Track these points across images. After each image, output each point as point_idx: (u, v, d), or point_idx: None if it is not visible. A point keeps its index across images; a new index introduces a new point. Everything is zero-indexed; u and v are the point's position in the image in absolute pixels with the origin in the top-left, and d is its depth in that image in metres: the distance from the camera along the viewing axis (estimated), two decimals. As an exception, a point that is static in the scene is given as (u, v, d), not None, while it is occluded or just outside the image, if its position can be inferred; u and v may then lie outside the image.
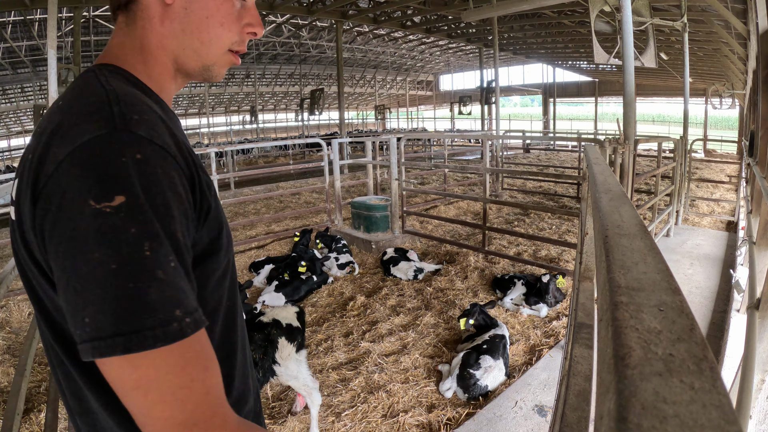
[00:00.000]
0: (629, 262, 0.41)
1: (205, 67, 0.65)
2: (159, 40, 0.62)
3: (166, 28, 0.61)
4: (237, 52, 0.67)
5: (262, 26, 0.67)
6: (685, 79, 8.04)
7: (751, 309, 2.11)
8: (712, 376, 0.24)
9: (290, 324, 2.39)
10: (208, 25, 0.62)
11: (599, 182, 0.91)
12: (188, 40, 0.62)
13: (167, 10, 0.61)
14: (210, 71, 0.66)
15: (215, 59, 0.65)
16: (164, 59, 0.63)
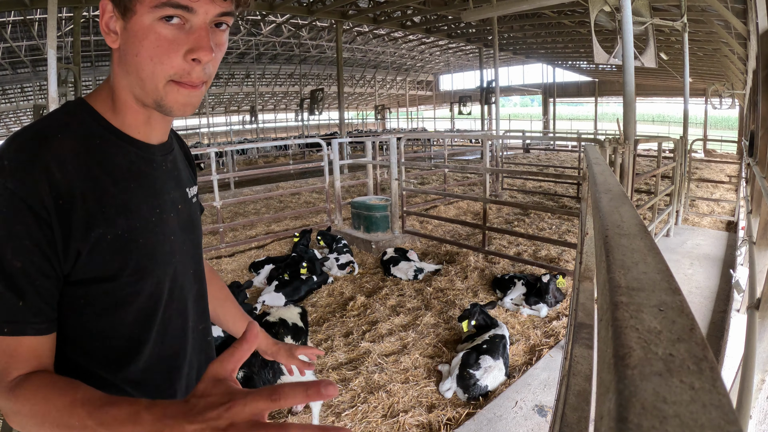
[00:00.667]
0: (629, 262, 0.41)
1: (156, 102, 0.66)
2: (118, 80, 0.68)
3: (119, 69, 0.67)
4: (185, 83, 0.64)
5: (208, 50, 0.63)
6: (685, 79, 8.05)
7: (751, 309, 2.11)
8: (712, 376, 0.24)
9: (296, 324, 2.41)
10: (138, 62, 0.63)
11: (599, 182, 0.91)
12: (132, 78, 0.66)
13: (117, 54, 0.67)
14: (162, 106, 0.67)
15: (160, 93, 0.65)
16: (124, 97, 0.69)
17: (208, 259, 5.50)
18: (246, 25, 17.46)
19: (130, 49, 0.63)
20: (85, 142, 0.66)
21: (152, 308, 0.72)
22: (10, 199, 0.59)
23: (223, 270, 5.17)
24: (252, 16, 16.52)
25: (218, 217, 5.52)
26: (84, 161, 0.64)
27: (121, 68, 0.66)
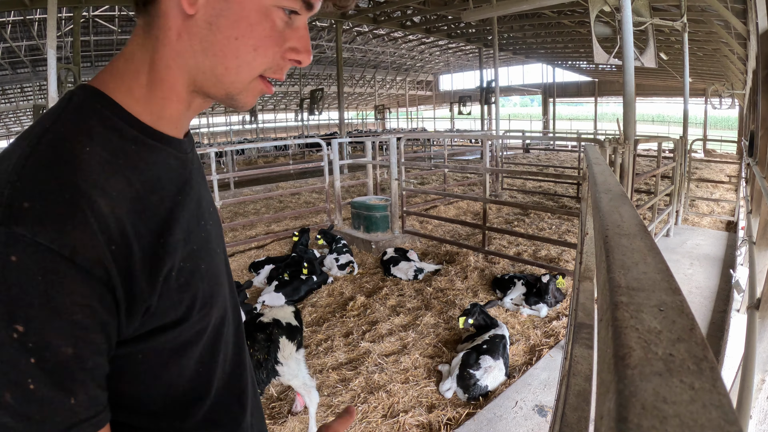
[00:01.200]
0: (629, 262, 0.41)
1: (228, 95, 0.53)
2: (172, 57, 0.51)
3: (184, 44, 0.50)
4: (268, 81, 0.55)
5: (310, 52, 0.54)
6: (685, 79, 8.05)
7: (751, 309, 2.11)
8: (712, 376, 0.24)
9: (290, 323, 2.40)
10: (236, 47, 0.50)
11: (599, 182, 0.91)
12: (209, 63, 0.51)
13: (187, 22, 0.49)
14: (234, 100, 0.54)
15: (242, 87, 0.53)
16: (173, 81, 0.52)
17: (208, 259, 5.50)
18: (246, 25, 17.43)
19: (228, 28, 0.49)
20: (121, 154, 0.48)
21: (216, 337, 0.59)
22: (47, 259, 0.39)
23: (223, 270, 5.16)
24: (252, 16, 16.50)
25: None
26: (126, 181, 0.47)
27: (191, 44, 0.50)
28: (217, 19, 0.49)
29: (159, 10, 0.49)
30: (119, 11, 14.69)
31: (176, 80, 0.52)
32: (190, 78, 0.52)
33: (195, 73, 0.52)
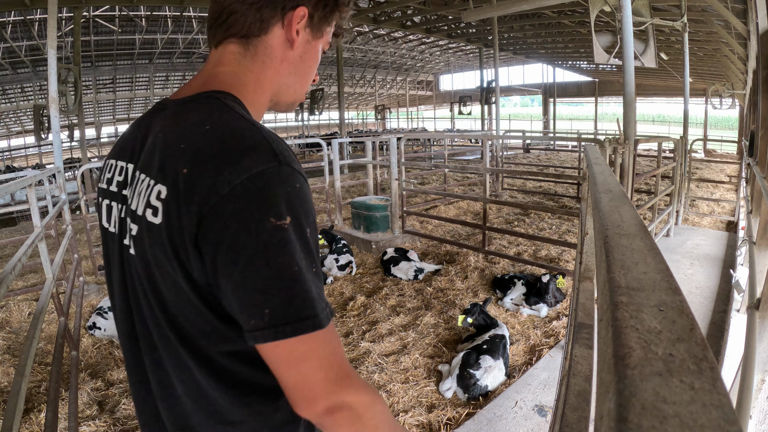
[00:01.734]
0: (629, 262, 0.41)
1: (294, 102, 0.77)
2: (273, 76, 0.72)
3: (283, 68, 0.73)
4: None
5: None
6: (685, 79, 8.05)
7: (751, 309, 2.11)
8: (712, 376, 0.24)
9: None
10: (310, 71, 0.76)
11: (599, 182, 0.91)
12: (293, 80, 0.74)
13: (288, 53, 0.72)
14: (295, 105, 0.78)
15: (302, 97, 0.78)
16: (269, 93, 0.74)
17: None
18: (246, 25, 17.44)
19: (308, 60, 0.74)
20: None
21: None
22: (303, 181, 0.61)
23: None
24: (252, 16, 16.50)
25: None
26: None
27: (287, 68, 0.73)
28: (305, 54, 0.73)
29: (268, 43, 0.70)
30: (119, 11, 14.68)
31: (270, 93, 0.74)
32: (276, 91, 0.74)
33: (281, 87, 0.74)
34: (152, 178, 0.61)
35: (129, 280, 0.67)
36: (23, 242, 2.49)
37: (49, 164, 17.22)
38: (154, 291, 0.63)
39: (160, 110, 0.70)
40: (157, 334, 0.65)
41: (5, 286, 1.47)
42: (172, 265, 0.59)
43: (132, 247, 0.64)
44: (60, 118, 4.93)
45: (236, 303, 0.57)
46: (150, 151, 0.64)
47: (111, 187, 0.71)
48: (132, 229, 0.64)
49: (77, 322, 3.42)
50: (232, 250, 0.55)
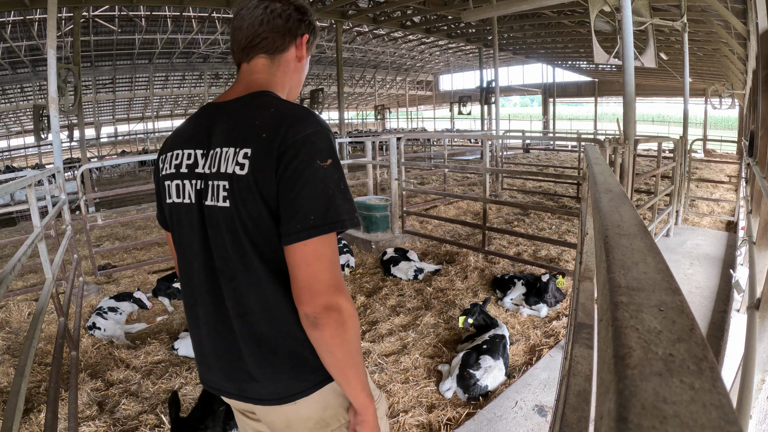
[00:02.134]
0: (629, 262, 0.41)
1: (295, 97, 1.10)
2: (288, 80, 1.05)
3: (295, 75, 1.07)
4: None
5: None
6: (685, 79, 8.05)
7: (751, 309, 2.11)
8: (712, 376, 0.24)
9: None
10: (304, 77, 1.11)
11: (599, 182, 0.91)
12: (297, 83, 1.08)
13: (297, 65, 1.06)
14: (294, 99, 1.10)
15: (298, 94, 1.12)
16: (286, 91, 1.05)
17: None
18: (246, 25, 17.43)
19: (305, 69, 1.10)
20: None
21: None
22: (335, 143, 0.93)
23: (223, 270, 5.16)
24: (252, 16, 16.49)
25: (218, 217, 5.51)
26: None
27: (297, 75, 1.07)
28: (305, 64, 1.08)
29: (286, 58, 1.03)
30: (119, 11, 14.68)
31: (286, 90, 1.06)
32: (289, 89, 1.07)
33: (292, 87, 1.07)
34: (237, 147, 0.89)
35: (211, 232, 0.94)
36: (23, 242, 2.49)
37: (48, 164, 17.23)
38: (243, 226, 0.89)
39: (217, 108, 0.98)
40: (239, 265, 0.92)
41: (5, 286, 1.47)
42: (255, 198, 0.87)
43: (220, 201, 0.91)
44: (60, 118, 4.93)
45: (290, 213, 0.85)
46: (227, 132, 0.92)
47: (181, 170, 0.97)
48: (219, 186, 0.91)
49: (77, 323, 3.42)
50: (292, 178, 0.85)
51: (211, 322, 0.99)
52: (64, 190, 4.25)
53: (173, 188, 0.99)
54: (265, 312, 0.92)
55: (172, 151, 0.99)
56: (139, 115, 29.30)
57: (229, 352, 0.97)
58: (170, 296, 4.29)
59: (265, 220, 0.88)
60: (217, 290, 0.96)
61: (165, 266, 5.28)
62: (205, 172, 0.93)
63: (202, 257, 0.97)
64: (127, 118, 28.92)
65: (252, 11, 0.99)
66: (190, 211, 0.97)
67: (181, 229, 1.00)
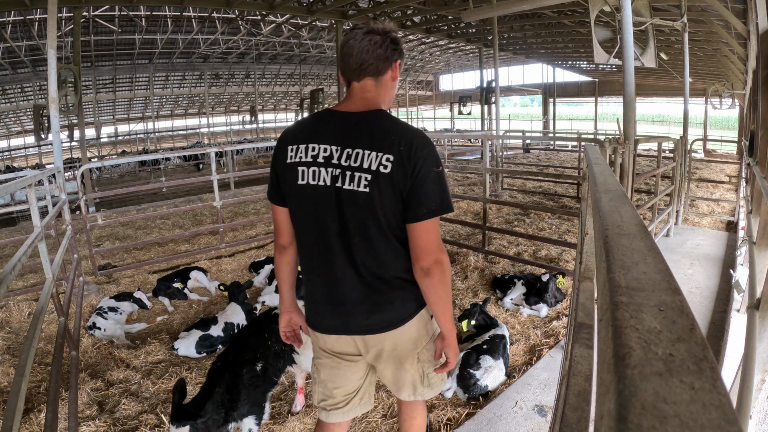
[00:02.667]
0: (629, 262, 0.41)
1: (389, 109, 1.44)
2: (387, 96, 1.38)
3: (391, 91, 1.39)
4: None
5: None
6: (685, 79, 8.05)
7: (751, 309, 2.11)
8: (712, 376, 0.24)
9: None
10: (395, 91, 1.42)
11: (599, 182, 0.91)
12: (391, 98, 1.41)
13: (392, 84, 1.37)
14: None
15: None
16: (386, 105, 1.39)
17: (208, 259, 5.50)
18: (246, 25, 17.45)
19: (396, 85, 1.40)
20: None
21: None
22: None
23: (223, 270, 5.16)
24: (252, 16, 16.52)
25: (218, 217, 5.52)
26: None
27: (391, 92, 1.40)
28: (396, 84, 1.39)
29: (385, 79, 1.34)
30: (119, 11, 14.68)
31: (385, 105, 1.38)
32: (386, 104, 1.38)
33: (388, 102, 1.39)
34: (380, 152, 1.24)
35: (347, 208, 1.28)
36: (23, 242, 2.49)
37: (48, 164, 17.22)
38: (380, 206, 1.26)
39: (343, 116, 1.31)
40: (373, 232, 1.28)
41: (5, 286, 1.47)
42: (394, 191, 1.24)
43: (360, 188, 1.25)
44: (60, 118, 4.93)
45: (418, 202, 1.24)
46: (367, 138, 1.26)
47: (318, 160, 1.29)
48: (360, 177, 1.25)
49: (77, 322, 3.42)
50: (420, 179, 1.24)
51: (349, 279, 1.33)
52: (64, 190, 4.25)
53: (309, 173, 1.29)
54: (386, 263, 1.32)
55: (306, 144, 1.30)
56: (139, 115, 29.30)
57: (361, 299, 1.34)
58: (170, 296, 4.29)
59: (396, 205, 1.26)
60: (348, 250, 1.31)
61: (165, 266, 5.28)
62: (342, 164, 1.27)
63: (336, 226, 1.30)
64: (127, 118, 28.92)
65: (359, 42, 1.28)
66: (326, 192, 1.29)
67: (312, 205, 1.31)
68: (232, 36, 18.75)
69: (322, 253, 1.34)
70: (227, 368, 2.07)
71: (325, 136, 1.29)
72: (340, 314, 1.37)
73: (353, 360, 1.48)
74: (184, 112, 31.62)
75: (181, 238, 6.27)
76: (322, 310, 1.41)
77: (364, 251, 1.30)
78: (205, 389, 1.99)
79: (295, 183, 1.31)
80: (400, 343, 1.40)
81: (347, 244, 1.30)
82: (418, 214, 1.24)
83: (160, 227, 7.36)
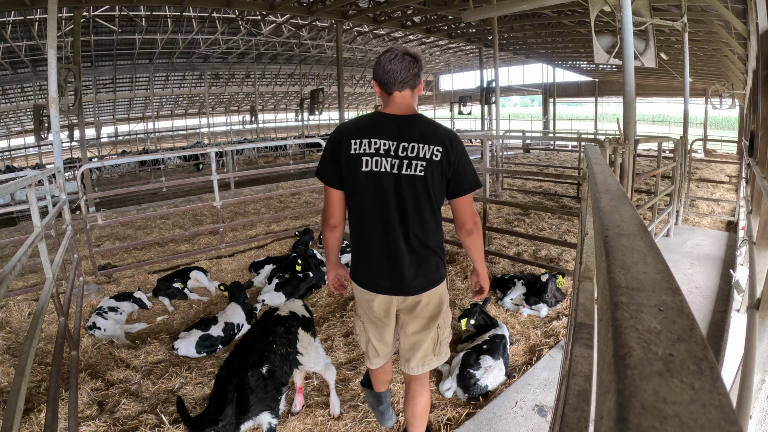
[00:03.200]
0: (629, 262, 0.41)
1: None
2: (416, 102, 1.75)
3: (416, 99, 1.76)
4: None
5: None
6: (685, 79, 8.05)
7: (751, 309, 2.11)
8: (712, 376, 0.24)
9: (304, 315, 2.49)
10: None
11: (599, 182, 0.91)
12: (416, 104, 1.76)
13: (418, 92, 1.75)
14: None
15: None
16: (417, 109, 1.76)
17: (208, 259, 5.50)
18: (246, 25, 17.45)
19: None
20: None
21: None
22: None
23: (223, 270, 5.16)
24: (252, 16, 16.52)
25: (218, 217, 5.52)
26: None
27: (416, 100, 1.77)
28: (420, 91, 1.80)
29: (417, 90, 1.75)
30: (119, 11, 14.68)
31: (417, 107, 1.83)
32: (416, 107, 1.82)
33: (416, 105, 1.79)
34: (432, 145, 1.62)
35: (405, 189, 1.65)
36: (23, 242, 2.49)
37: (49, 164, 17.22)
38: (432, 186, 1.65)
39: (394, 118, 1.68)
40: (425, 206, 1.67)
41: (5, 286, 1.47)
42: (441, 174, 1.65)
43: (420, 174, 1.63)
44: (60, 118, 4.93)
45: (460, 181, 1.69)
46: (420, 135, 1.64)
47: (380, 151, 1.64)
48: (417, 164, 1.63)
49: (77, 322, 3.42)
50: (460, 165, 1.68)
51: (403, 249, 1.70)
52: (65, 190, 4.25)
53: (372, 162, 1.65)
54: (429, 234, 1.72)
55: (369, 138, 1.65)
56: (139, 115, 29.29)
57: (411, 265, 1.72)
58: (170, 296, 4.29)
59: (442, 185, 1.68)
60: (404, 222, 1.68)
61: (165, 266, 5.28)
62: (400, 155, 1.64)
63: (395, 204, 1.67)
64: (128, 118, 28.91)
65: (399, 62, 1.65)
66: (387, 177, 1.65)
67: (374, 186, 1.67)
68: (232, 36, 18.75)
69: (381, 226, 1.70)
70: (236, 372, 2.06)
71: (383, 133, 1.65)
72: (394, 276, 1.74)
73: (389, 323, 1.88)
74: (184, 112, 31.61)
75: (181, 238, 6.27)
76: (377, 272, 1.77)
77: (415, 223, 1.68)
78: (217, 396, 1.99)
79: (360, 169, 1.65)
80: (432, 300, 1.81)
81: (403, 218, 1.68)
82: (463, 190, 1.70)
83: (160, 227, 7.37)
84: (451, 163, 1.65)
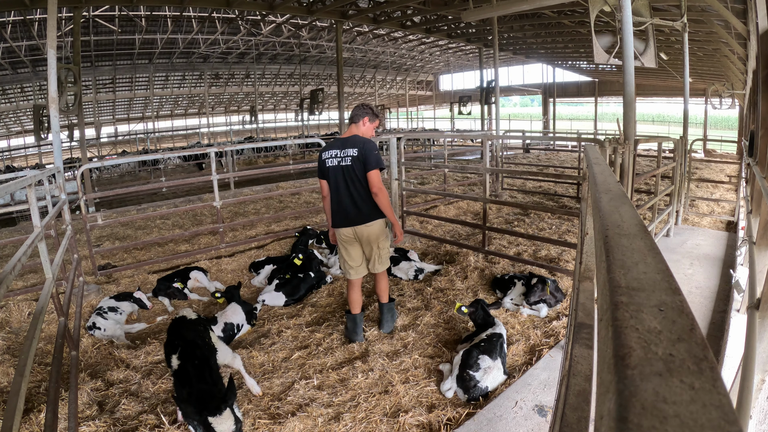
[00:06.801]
0: (629, 262, 0.41)
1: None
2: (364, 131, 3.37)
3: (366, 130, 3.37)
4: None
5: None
6: (685, 79, 8.05)
7: (751, 309, 2.11)
8: (712, 376, 0.24)
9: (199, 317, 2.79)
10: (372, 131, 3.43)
11: (599, 182, 0.91)
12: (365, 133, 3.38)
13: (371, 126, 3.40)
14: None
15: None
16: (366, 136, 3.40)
17: (208, 259, 5.50)
18: (246, 25, 17.45)
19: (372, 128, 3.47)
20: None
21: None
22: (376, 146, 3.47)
23: (223, 270, 5.16)
24: (252, 16, 16.52)
25: (218, 217, 5.52)
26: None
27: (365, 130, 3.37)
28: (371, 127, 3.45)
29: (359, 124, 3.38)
30: (119, 11, 14.68)
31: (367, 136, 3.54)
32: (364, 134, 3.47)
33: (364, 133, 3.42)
34: (352, 148, 3.16)
35: (347, 174, 3.17)
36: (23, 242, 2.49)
37: (48, 164, 17.20)
38: (359, 170, 3.16)
39: (346, 139, 3.22)
40: (358, 182, 3.17)
41: (5, 286, 1.47)
42: (359, 162, 3.15)
43: (349, 164, 3.15)
44: (60, 118, 4.93)
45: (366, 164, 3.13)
46: (347, 145, 3.19)
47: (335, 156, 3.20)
48: (347, 159, 3.15)
49: (77, 322, 3.42)
50: (366, 155, 3.15)
51: (348, 202, 3.18)
52: (64, 190, 4.25)
53: (333, 160, 3.18)
54: (363, 196, 3.17)
55: (330, 150, 3.21)
56: (139, 115, 29.30)
57: (353, 210, 3.18)
58: (170, 296, 4.29)
59: (361, 169, 3.13)
60: (349, 191, 3.17)
61: (165, 266, 5.28)
62: (341, 155, 3.16)
63: (343, 182, 3.17)
64: (127, 118, 28.91)
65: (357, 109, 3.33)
66: (338, 168, 3.17)
67: (334, 174, 3.19)
68: (232, 36, 18.75)
69: (339, 194, 3.19)
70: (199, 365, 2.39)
71: (337, 147, 3.21)
72: (347, 218, 3.21)
73: (354, 244, 3.30)
74: (184, 112, 31.62)
75: (181, 238, 6.27)
76: (339, 217, 3.23)
77: (355, 191, 3.16)
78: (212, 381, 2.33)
79: (326, 166, 3.21)
80: (371, 232, 3.24)
81: (348, 189, 3.17)
82: (368, 168, 3.10)
83: (160, 227, 7.37)
84: (362, 156, 3.10)
